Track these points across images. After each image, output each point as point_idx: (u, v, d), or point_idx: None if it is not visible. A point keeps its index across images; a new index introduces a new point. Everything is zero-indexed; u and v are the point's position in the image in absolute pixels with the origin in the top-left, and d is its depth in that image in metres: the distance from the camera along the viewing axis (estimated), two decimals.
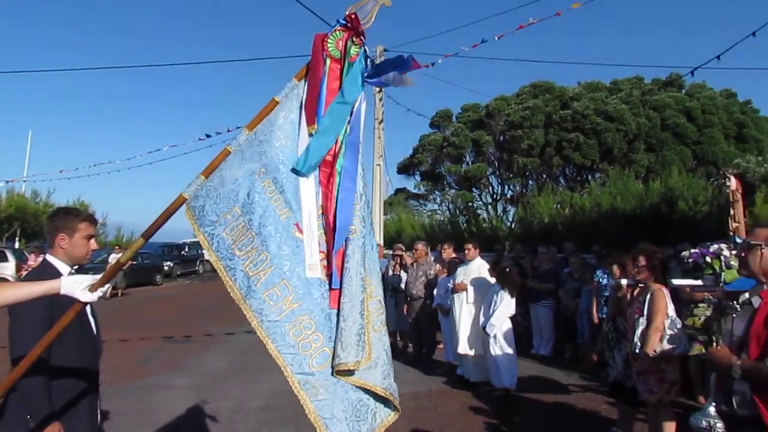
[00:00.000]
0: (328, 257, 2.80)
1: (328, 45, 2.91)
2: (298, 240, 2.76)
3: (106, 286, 2.58)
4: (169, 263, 30.08)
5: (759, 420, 2.79)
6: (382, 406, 2.80)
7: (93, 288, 2.51)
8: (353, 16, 2.88)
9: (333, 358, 2.68)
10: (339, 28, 2.91)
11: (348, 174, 2.89)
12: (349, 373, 2.70)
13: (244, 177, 2.79)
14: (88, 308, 3.15)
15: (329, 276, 2.77)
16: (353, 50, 2.92)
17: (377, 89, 18.44)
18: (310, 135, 2.87)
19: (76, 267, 3.34)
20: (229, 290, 2.71)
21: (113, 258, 19.82)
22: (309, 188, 2.85)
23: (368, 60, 3.03)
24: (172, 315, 16.55)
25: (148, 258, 27.24)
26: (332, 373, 2.66)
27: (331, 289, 2.77)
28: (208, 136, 16.09)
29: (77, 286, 2.49)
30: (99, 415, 3.41)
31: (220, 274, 2.73)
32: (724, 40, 37.57)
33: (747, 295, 3.08)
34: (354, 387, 2.69)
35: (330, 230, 2.82)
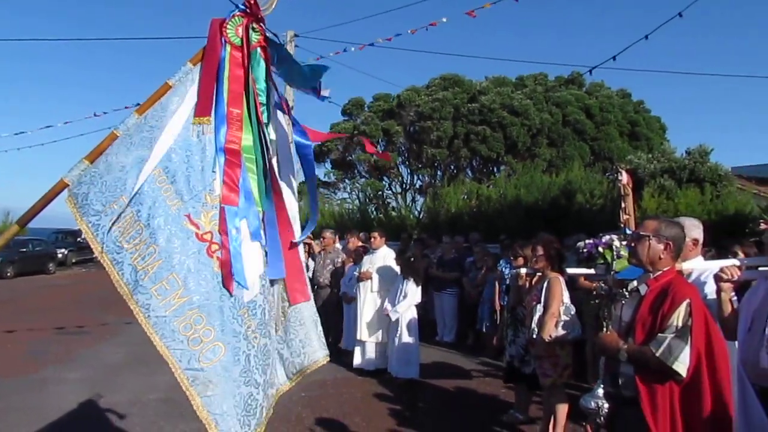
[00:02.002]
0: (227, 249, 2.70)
1: (228, 31, 2.82)
2: (189, 231, 2.65)
3: None
4: (63, 251, 28.43)
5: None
6: (267, 400, 2.79)
7: None
8: (252, 2, 2.81)
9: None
10: (238, 13, 2.83)
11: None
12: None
13: (132, 164, 2.65)
14: None
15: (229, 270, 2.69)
16: (254, 37, 2.85)
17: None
18: (194, 124, 2.76)
19: None
20: (116, 285, 2.57)
21: None
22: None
23: (278, 50, 2.99)
24: (65, 305, 15.64)
25: (39, 245, 25.67)
26: (225, 368, 2.59)
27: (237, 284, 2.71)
28: (96, 114, 15.38)
29: None
30: None
31: (106, 268, 2.58)
32: (621, 42, 39.70)
33: (635, 283, 3.26)
34: (246, 381, 2.63)
35: (223, 219, 2.72)
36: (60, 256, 27.69)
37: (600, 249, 5.46)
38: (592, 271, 5.30)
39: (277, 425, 6.03)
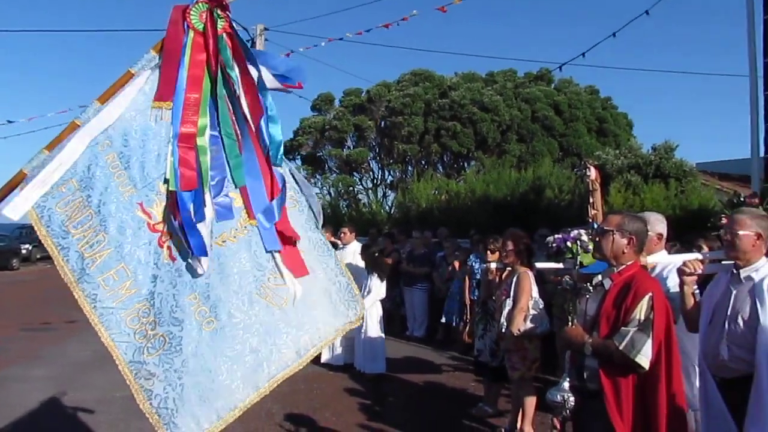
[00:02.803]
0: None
1: (191, 17, 2.81)
2: (141, 221, 2.62)
3: None
4: (27, 246, 27.71)
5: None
6: (228, 398, 2.69)
7: None
8: None
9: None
10: (202, 0, 2.81)
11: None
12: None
13: (85, 148, 2.61)
14: None
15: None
16: (219, 23, 2.84)
17: None
18: (154, 108, 2.73)
19: None
20: (60, 271, 2.51)
21: None
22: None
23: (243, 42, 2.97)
24: (29, 301, 15.30)
25: (2, 240, 25.05)
26: (167, 359, 2.55)
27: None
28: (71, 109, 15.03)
29: None
30: None
31: (50, 253, 2.53)
32: (590, 39, 40.20)
33: (599, 277, 3.31)
34: (191, 372, 2.57)
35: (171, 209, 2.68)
36: (24, 251, 27.05)
37: (568, 244, 5.55)
38: (561, 265, 5.40)
39: (247, 420, 5.99)
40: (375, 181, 26.17)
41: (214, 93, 2.87)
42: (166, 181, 2.70)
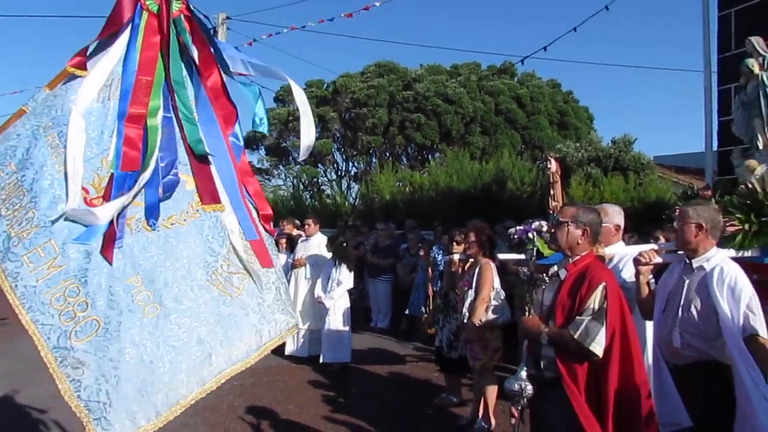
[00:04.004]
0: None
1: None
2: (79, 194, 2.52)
3: None
4: None
5: (562, 381, 3.08)
6: (170, 392, 2.47)
7: None
8: None
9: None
10: None
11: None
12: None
13: (28, 132, 2.55)
14: None
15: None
16: (175, 5, 2.80)
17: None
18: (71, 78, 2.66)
19: None
20: None
21: None
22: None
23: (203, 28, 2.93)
24: None
25: None
26: (100, 346, 2.37)
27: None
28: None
29: None
30: None
31: None
32: (552, 33, 40.70)
33: (555, 267, 3.37)
34: (129, 362, 2.39)
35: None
36: None
37: (530, 235, 5.62)
38: (522, 256, 5.46)
39: (208, 415, 5.94)
40: (339, 173, 26.10)
41: (169, 76, 2.81)
42: (107, 156, 2.62)
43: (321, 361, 7.95)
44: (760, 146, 4.12)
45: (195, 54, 2.86)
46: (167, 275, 2.55)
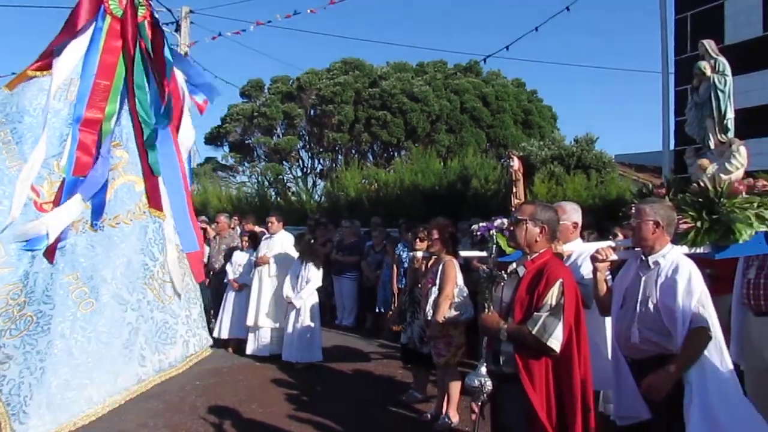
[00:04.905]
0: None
1: (110, 2, 2.72)
2: (26, 197, 2.48)
3: None
4: None
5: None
6: (96, 389, 2.47)
7: None
8: None
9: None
10: None
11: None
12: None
13: None
14: None
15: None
16: (140, 11, 2.76)
17: (185, 53, 17.53)
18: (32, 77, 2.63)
19: None
20: None
21: None
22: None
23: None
24: None
25: None
26: (27, 342, 2.36)
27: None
28: None
29: None
30: None
31: None
32: (516, 32, 41.21)
33: (514, 265, 3.42)
34: (56, 354, 2.38)
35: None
36: None
37: (492, 232, 5.68)
38: (484, 253, 5.53)
39: (169, 415, 5.87)
40: (304, 170, 26.01)
41: (130, 81, 2.78)
42: (60, 160, 2.59)
43: (284, 359, 7.91)
44: (712, 146, 4.23)
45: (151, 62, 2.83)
46: (106, 272, 2.56)
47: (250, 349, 8.35)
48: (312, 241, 8.61)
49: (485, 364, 3.25)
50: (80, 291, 2.48)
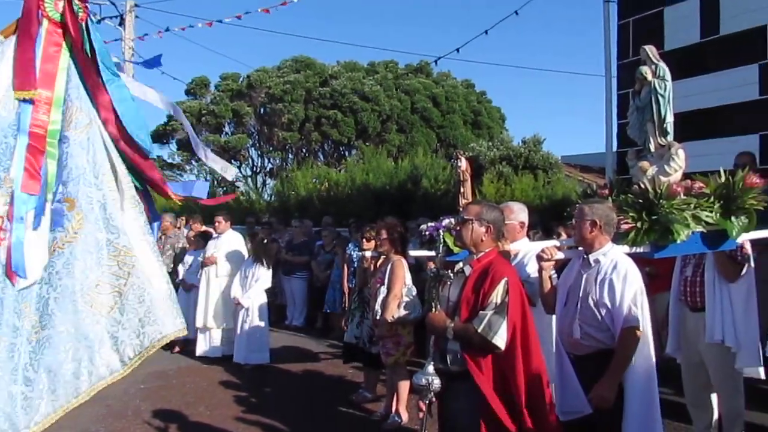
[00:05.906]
0: None
1: (46, 5, 2.58)
2: None
3: None
4: None
5: (468, 374, 3.17)
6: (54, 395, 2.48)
7: None
8: None
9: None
10: None
11: None
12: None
13: None
14: None
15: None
16: (79, 13, 2.64)
17: (129, 47, 17.10)
18: (21, 101, 2.51)
19: None
20: None
21: None
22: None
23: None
24: None
25: None
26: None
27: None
28: None
29: None
30: None
31: None
32: (467, 35, 41.78)
33: (461, 264, 3.46)
34: (17, 380, 2.38)
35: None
36: None
37: (440, 232, 5.73)
38: (433, 253, 5.57)
39: (111, 421, 5.72)
40: (254, 169, 25.69)
41: (95, 89, 2.66)
42: (9, 173, 2.47)
43: (234, 360, 7.81)
44: (652, 149, 4.37)
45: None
46: (50, 298, 2.50)
47: (200, 351, 8.22)
48: (264, 240, 8.52)
49: (432, 362, 3.28)
50: (31, 320, 2.45)
